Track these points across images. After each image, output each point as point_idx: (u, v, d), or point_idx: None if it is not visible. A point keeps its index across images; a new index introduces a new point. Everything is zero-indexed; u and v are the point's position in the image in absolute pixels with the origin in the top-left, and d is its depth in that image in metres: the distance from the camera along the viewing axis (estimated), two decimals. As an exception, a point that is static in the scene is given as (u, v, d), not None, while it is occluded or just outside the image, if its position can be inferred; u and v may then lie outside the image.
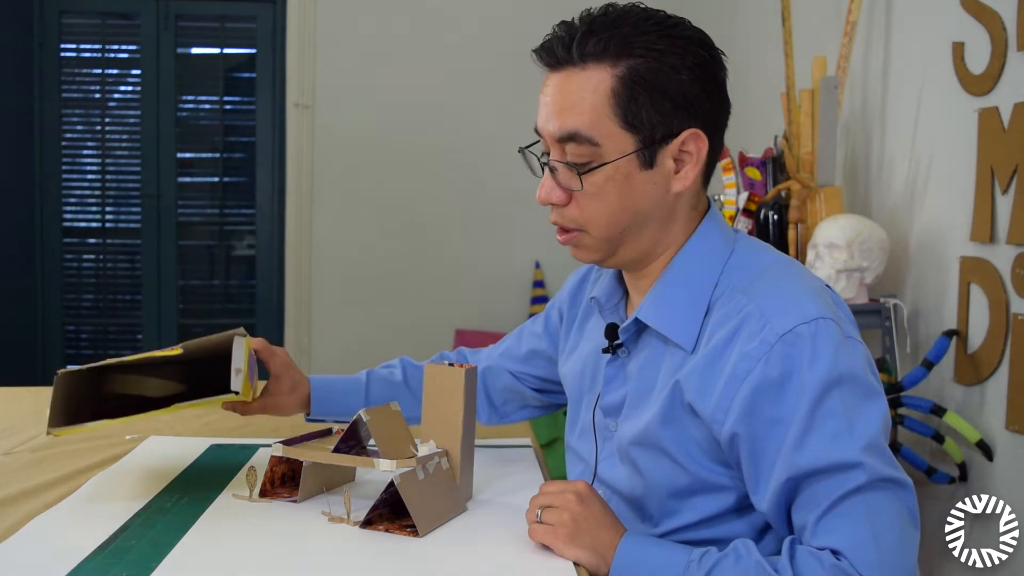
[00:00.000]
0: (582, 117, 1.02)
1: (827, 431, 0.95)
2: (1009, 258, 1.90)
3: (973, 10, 1.99)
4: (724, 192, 2.57)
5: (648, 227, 1.08)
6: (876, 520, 0.93)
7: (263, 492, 1.17)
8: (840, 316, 1.02)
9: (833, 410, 0.95)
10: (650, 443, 1.07)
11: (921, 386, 2.06)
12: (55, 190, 4.30)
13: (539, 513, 1.03)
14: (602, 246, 1.09)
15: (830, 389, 0.95)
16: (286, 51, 4.20)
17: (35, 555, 0.98)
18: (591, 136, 1.02)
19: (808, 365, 0.96)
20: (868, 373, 1.00)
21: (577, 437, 1.24)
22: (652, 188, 1.05)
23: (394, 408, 1.17)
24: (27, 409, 1.68)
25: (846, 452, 0.94)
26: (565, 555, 1.00)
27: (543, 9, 3.88)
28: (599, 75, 1.02)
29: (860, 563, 0.92)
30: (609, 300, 1.19)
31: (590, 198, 1.05)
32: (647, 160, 1.04)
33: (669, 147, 1.04)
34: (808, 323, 0.97)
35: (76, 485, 1.22)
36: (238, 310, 4.41)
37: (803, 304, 0.99)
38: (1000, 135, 1.92)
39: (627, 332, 1.12)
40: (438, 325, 4.23)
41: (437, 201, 4.24)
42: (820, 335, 0.97)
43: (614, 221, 1.06)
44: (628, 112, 1.01)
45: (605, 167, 1.03)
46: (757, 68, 3.13)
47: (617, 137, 1.02)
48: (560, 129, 1.04)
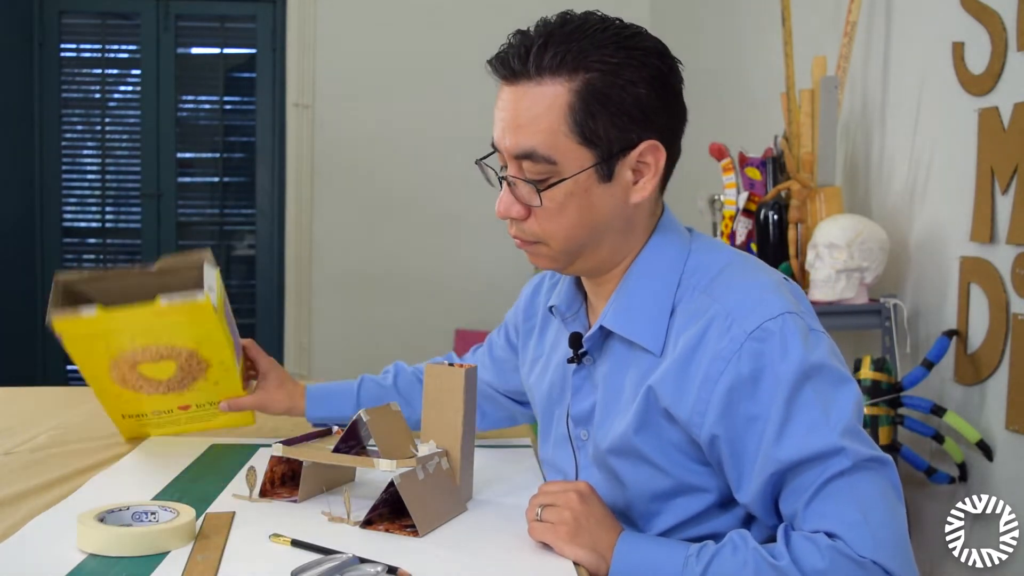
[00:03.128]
0: (538, 136, 1.01)
1: (805, 422, 0.96)
2: (1009, 258, 1.90)
3: (973, 10, 1.99)
4: (724, 192, 2.57)
5: (607, 238, 1.07)
6: (864, 499, 0.94)
7: (263, 492, 1.17)
8: (802, 309, 1.03)
9: (808, 401, 0.96)
10: (628, 451, 1.07)
11: (921, 386, 2.05)
12: (55, 190, 4.31)
13: (539, 511, 1.02)
14: (560, 257, 1.09)
15: (803, 381, 0.97)
16: (286, 51, 4.20)
17: (35, 555, 0.98)
18: (548, 155, 1.01)
19: (780, 360, 0.97)
20: (836, 361, 1.01)
21: (552, 448, 1.23)
22: (611, 200, 1.04)
23: (394, 408, 1.17)
24: (27, 409, 1.68)
25: (826, 440, 0.95)
26: (565, 553, 0.99)
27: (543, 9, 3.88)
28: (555, 90, 1.00)
29: (854, 541, 0.92)
30: (570, 308, 1.18)
31: (549, 213, 1.04)
32: (605, 174, 1.03)
33: (627, 159, 1.03)
34: (774, 319, 0.99)
35: (76, 485, 1.22)
36: (238, 310, 4.36)
37: (766, 301, 1.01)
38: (1000, 135, 1.92)
39: (592, 340, 1.12)
40: (438, 325, 4.23)
41: (437, 201, 4.24)
42: (787, 329, 0.98)
43: (573, 235, 1.05)
44: (585, 128, 1.00)
45: (564, 183, 1.02)
46: (757, 68, 3.13)
47: (574, 153, 1.01)
48: (516, 147, 1.03)
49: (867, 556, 0.92)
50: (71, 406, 1.66)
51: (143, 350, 1.31)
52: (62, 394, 1.86)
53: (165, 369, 1.35)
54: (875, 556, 0.92)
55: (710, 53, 3.46)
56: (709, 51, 3.47)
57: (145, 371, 1.34)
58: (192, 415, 1.44)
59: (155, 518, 1.02)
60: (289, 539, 1.00)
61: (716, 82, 3.33)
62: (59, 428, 1.54)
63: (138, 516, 1.02)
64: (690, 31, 3.73)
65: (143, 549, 0.96)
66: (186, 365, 1.35)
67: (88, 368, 1.34)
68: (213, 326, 1.29)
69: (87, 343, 1.30)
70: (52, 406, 1.71)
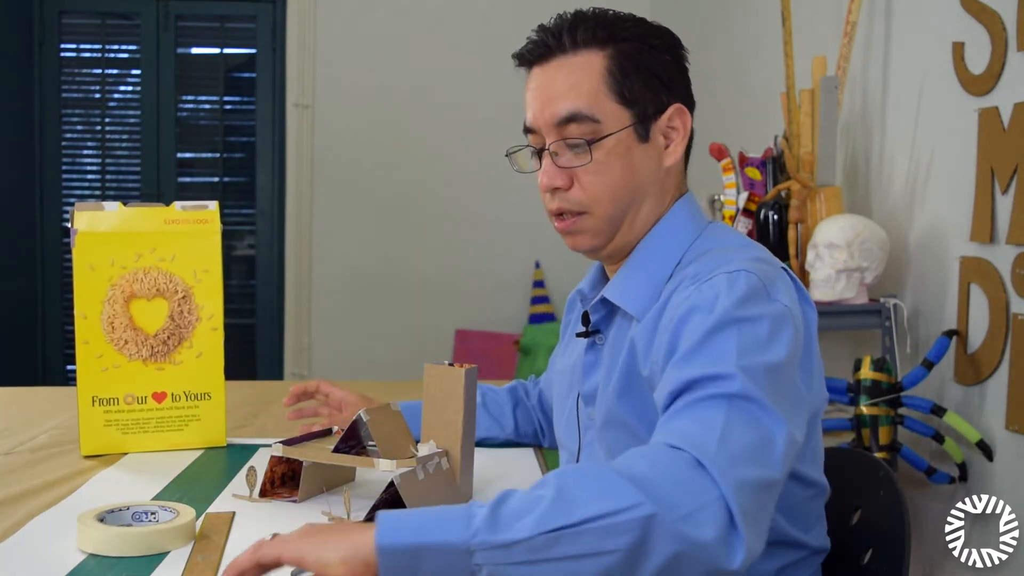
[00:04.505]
0: (581, 98, 1.08)
1: (714, 351, 0.91)
2: (1009, 258, 1.90)
3: (973, 10, 1.99)
4: (724, 192, 2.57)
5: (644, 204, 1.12)
6: (729, 426, 0.84)
7: (263, 492, 1.17)
8: (777, 281, 1.00)
9: (726, 339, 0.91)
10: (615, 421, 1.09)
11: (921, 386, 2.05)
12: (55, 190, 4.30)
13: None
14: (603, 228, 1.11)
15: (731, 323, 0.93)
16: (286, 51, 4.20)
17: (35, 555, 0.98)
18: (592, 114, 1.08)
19: (717, 300, 0.95)
20: (782, 329, 0.94)
21: (563, 427, 1.25)
22: (648, 162, 1.11)
23: (394, 408, 1.17)
24: (27, 409, 1.68)
25: (723, 366, 0.89)
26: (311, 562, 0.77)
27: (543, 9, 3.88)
28: (591, 58, 1.09)
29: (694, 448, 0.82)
30: (592, 291, 1.22)
31: (594, 175, 1.09)
32: (642, 134, 1.10)
33: (659, 122, 1.11)
34: (730, 273, 0.99)
35: (76, 485, 1.22)
36: (238, 310, 4.40)
37: (737, 260, 1.01)
38: (1000, 135, 1.92)
39: (597, 312, 1.15)
40: (438, 325, 4.23)
41: (437, 201, 4.24)
42: (738, 281, 0.97)
43: (618, 196, 1.10)
44: (624, 88, 1.08)
45: (609, 138, 1.08)
46: (757, 68, 3.12)
47: (615, 112, 1.08)
48: (560, 113, 1.08)
49: (684, 448, 0.82)
50: (71, 406, 1.66)
51: (144, 273, 1.38)
52: (62, 394, 1.86)
53: (156, 312, 1.38)
54: (691, 449, 0.82)
55: (710, 53, 3.46)
56: (709, 51, 3.47)
57: (136, 313, 1.37)
58: (164, 414, 1.41)
59: (155, 518, 1.02)
60: None
61: (716, 82, 3.33)
62: (59, 428, 1.54)
63: (138, 516, 1.03)
64: (690, 31, 3.72)
65: (143, 549, 0.96)
66: (176, 313, 1.39)
67: (84, 300, 1.36)
68: (214, 251, 1.40)
69: (99, 249, 1.36)
70: (52, 406, 1.71)
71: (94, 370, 1.38)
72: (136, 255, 1.38)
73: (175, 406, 1.41)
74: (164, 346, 1.39)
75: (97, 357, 1.37)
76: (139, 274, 1.38)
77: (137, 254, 1.38)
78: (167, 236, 1.40)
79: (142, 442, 1.40)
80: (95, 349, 1.37)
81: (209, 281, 1.41)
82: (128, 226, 1.38)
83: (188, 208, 1.41)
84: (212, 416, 1.42)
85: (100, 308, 1.37)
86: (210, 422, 1.42)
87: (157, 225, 1.40)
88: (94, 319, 1.36)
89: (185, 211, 1.41)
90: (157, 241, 1.39)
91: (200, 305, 1.41)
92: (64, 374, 4.30)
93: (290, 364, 4.27)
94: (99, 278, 1.37)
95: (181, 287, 1.40)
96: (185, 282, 1.40)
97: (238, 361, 4.08)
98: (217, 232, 1.42)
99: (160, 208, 1.41)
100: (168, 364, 1.40)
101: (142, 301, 1.38)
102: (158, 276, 1.39)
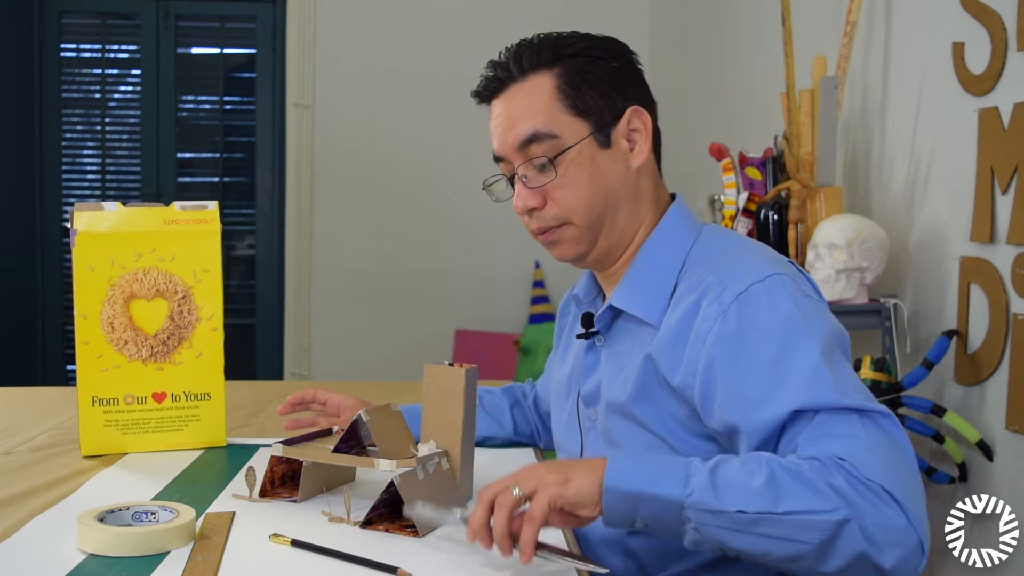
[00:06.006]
0: (537, 117, 1.12)
1: (800, 373, 0.96)
2: (1009, 258, 1.90)
3: (973, 10, 1.99)
4: (724, 192, 2.57)
5: (621, 207, 1.15)
6: (872, 442, 0.92)
7: (263, 492, 1.17)
8: (798, 276, 1.07)
9: (806, 352, 0.97)
10: (627, 416, 1.11)
11: (921, 386, 2.05)
12: (55, 190, 4.30)
13: (517, 491, 0.93)
14: (584, 235, 1.15)
15: (794, 337, 0.98)
16: (286, 51, 4.20)
17: (35, 555, 0.98)
18: (549, 130, 1.12)
19: (767, 317, 0.99)
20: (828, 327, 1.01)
21: (563, 431, 1.27)
22: (615, 166, 1.14)
23: (394, 408, 1.17)
24: (27, 409, 1.68)
25: (824, 395, 0.94)
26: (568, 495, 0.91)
27: (543, 9, 3.89)
28: (541, 80, 1.14)
29: (861, 467, 0.89)
30: (587, 295, 1.27)
31: (563, 189, 1.13)
32: (603, 141, 1.14)
33: (619, 127, 1.14)
34: (762, 280, 1.02)
35: (76, 485, 1.22)
36: (238, 310, 4.41)
37: (758, 265, 1.05)
38: (1000, 135, 1.92)
39: (602, 320, 1.17)
40: (438, 325, 4.23)
41: (437, 201, 4.24)
42: (775, 289, 1.01)
43: (591, 204, 1.13)
44: (576, 101, 1.12)
45: (570, 151, 1.12)
46: (757, 68, 3.12)
47: (572, 125, 1.12)
48: (520, 135, 1.13)
49: (873, 480, 0.89)
50: (71, 406, 1.66)
51: (144, 273, 1.38)
52: (62, 394, 1.86)
53: (156, 313, 1.38)
54: (881, 481, 0.89)
55: (710, 53, 3.46)
56: (709, 51, 3.47)
57: (136, 313, 1.38)
58: (164, 414, 1.41)
59: (155, 518, 1.02)
60: (289, 539, 1.00)
61: (716, 82, 3.33)
62: (59, 428, 1.54)
63: (138, 516, 1.03)
64: (690, 31, 3.73)
65: (143, 549, 0.96)
66: (176, 313, 1.40)
67: (84, 300, 1.36)
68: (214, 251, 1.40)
69: (99, 250, 1.36)
70: (52, 406, 1.71)
71: (94, 370, 1.38)
72: (136, 255, 1.38)
73: (175, 406, 1.41)
74: (164, 346, 1.39)
75: (97, 357, 1.37)
76: (139, 274, 1.38)
77: (137, 254, 1.38)
78: (167, 236, 1.40)
79: (142, 442, 1.40)
80: (95, 349, 1.37)
81: (209, 281, 1.41)
82: (128, 226, 1.38)
83: (188, 208, 1.41)
84: (212, 416, 1.42)
85: (100, 308, 1.37)
86: (210, 422, 1.42)
87: (157, 225, 1.40)
88: (94, 319, 1.36)
89: (185, 211, 1.41)
90: (157, 241, 1.39)
91: (200, 305, 1.41)
92: (64, 374, 4.30)
93: (290, 364, 4.27)
94: (99, 278, 1.37)
95: (181, 287, 1.40)
96: (185, 282, 1.40)
97: (238, 361, 4.08)
98: (217, 232, 1.42)
99: (160, 208, 1.41)
100: (168, 364, 1.40)
101: (142, 301, 1.38)
102: (158, 276, 1.39)
